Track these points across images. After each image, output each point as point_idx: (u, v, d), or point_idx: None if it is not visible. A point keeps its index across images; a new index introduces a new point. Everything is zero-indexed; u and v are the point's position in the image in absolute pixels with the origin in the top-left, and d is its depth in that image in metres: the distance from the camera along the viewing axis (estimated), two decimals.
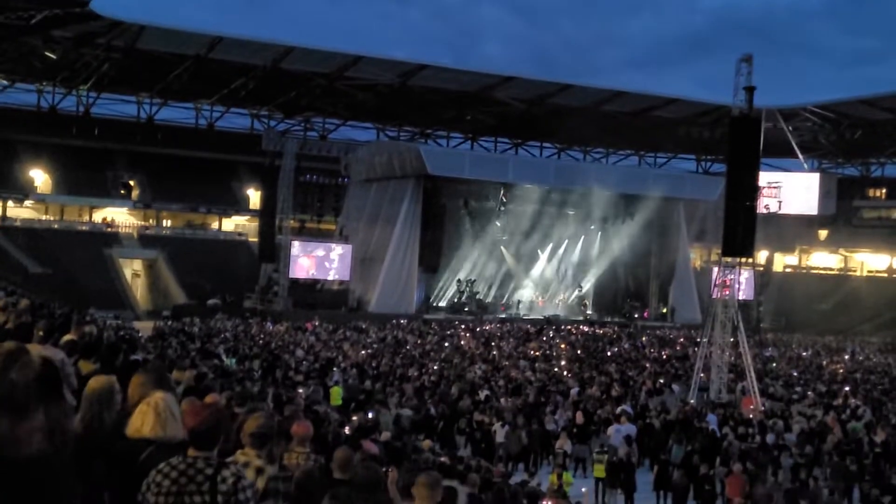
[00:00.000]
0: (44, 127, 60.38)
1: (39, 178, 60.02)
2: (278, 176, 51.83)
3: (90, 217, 61.39)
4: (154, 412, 4.13)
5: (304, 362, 28.57)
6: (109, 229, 59.51)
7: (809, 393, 28.05)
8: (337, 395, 22.18)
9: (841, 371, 35.43)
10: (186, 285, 54.15)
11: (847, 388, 29.22)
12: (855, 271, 71.03)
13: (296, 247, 50.98)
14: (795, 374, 33.58)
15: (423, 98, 61.80)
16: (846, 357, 41.57)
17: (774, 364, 36.51)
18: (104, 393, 4.35)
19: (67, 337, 8.19)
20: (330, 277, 51.90)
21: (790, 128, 66.02)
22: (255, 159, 58.42)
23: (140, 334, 30.12)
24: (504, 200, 53.53)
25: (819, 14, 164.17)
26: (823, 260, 73.43)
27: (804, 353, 42.46)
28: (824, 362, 38.56)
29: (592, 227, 56.63)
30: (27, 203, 59.46)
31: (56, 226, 59.10)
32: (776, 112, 62.94)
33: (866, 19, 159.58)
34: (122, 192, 61.22)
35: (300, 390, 20.98)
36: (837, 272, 71.20)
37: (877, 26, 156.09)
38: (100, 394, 4.33)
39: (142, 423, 4.13)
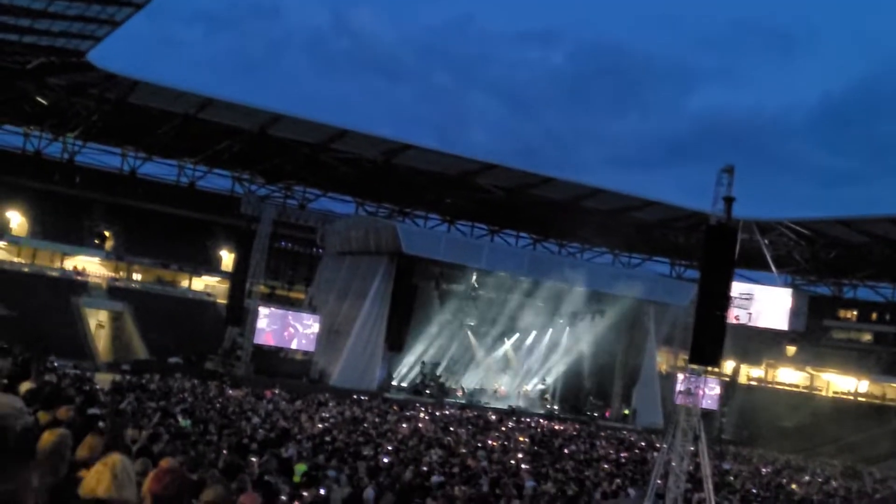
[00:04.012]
0: (26, 170, 60.25)
1: (16, 220, 59.66)
2: (253, 240, 51.67)
3: (62, 264, 60.88)
4: (111, 473, 4.07)
5: (260, 430, 28.16)
6: (79, 278, 58.99)
7: None
8: (300, 472, 21.64)
9: (800, 492, 35.19)
10: (149, 341, 53.53)
11: None
12: (821, 391, 70.98)
13: (263, 313, 50.71)
14: (754, 490, 33.30)
15: (405, 177, 62.20)
16: (806, 478, 41.25)
17: (733, 478, 36.24)
18: (59, 448, 4.30)
19: (27, 385, 8.10)
20: (295, 347, 51.55)
21: (766, 241, 66.71)
22: (233, 221, 58.51)
23: (98, 387, 29.70)
24: (475, 286, 53.58)
25: (803, 131, 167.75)
26: (790, 376, 73.48)
27: (764, 470, 42.19)
28: (784, 481, 38.25)
29: (561, 320, 56.54)
30: (0, 243, 58.95)
31: (26, 269, 58.46)
32: (753, 224, 63.68)
33: (848, 140, 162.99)
34: (97, 241, 60.83)
35: (253, 459, 20.64)
36: (803, 390, 71.16)
37: (858, 148, 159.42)
38: (54, 449, 4.29)
39: (97, 482, 4.06)
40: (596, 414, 54.94)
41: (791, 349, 72.86)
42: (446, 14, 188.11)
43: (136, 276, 63.31)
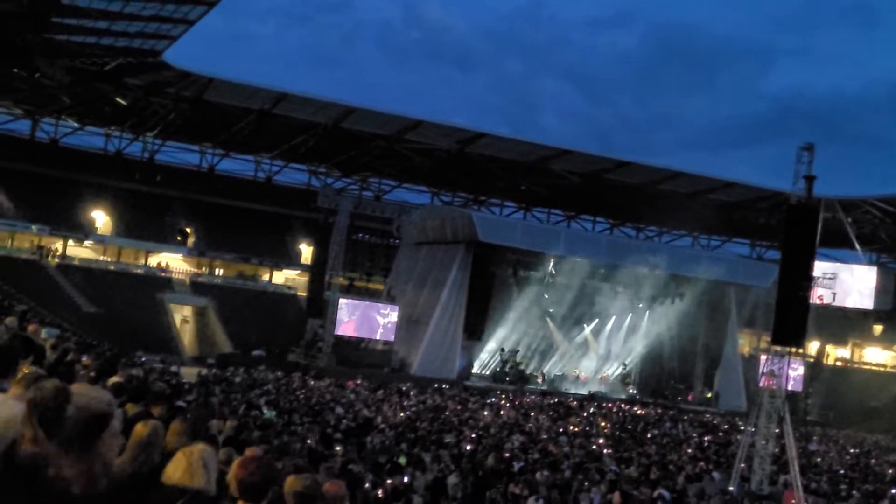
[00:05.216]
0: (109, 170, 61.58)
1: (101, 219, 61.05)
2: (331, 233, 52.13)
3: (146, 261, 62.24)
4: (187, 461, 4.19)
5: (343, 420, 28.47)
6: (163, 274, 60.27)
7: (854, 492, 27.22)
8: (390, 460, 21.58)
9: (890, 472, 34.43)
10: (233, 334, 54.48)
11: (894, 491, 28.31)
12: None
13: (343, 304, 51.14)
14: (841, 471, 32.66)
15: (480, 165, 62.11)
16: (895, 458, 40.30)
17: (819, 459, 35.62)
18: (151, 438, 4.44)
19: (114, 379, 8.33)
20: (376, 337, 51.91)
21: (849, 219, 65.17)
22: (310, 215, 59.02)
23: (184, 380, 30.31)
24: (553, 272, 53.39)
25: (887, 105, 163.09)
26: (877, 356, 71.92)
27: (852, 450, 41.38)
28: (872, 461, 37.48)
29: (640, 304, 56.15)
30: (86, 243, 60.43)
31: (112, 267, 60.01)
32: (836, 202, 62.23)
33: None
34: (179, 238, 61.99)
35: (337, 448, 20.89)
36: (891, 369, 69.66)
37: None
38: (147, 439, 4.43)
39: (174, 470, 4.19)
40: (679, 397, 54.46)
41: (878, 328, 71.27)
42: (516, 1, 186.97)
43: (218, 272, 64.40)
